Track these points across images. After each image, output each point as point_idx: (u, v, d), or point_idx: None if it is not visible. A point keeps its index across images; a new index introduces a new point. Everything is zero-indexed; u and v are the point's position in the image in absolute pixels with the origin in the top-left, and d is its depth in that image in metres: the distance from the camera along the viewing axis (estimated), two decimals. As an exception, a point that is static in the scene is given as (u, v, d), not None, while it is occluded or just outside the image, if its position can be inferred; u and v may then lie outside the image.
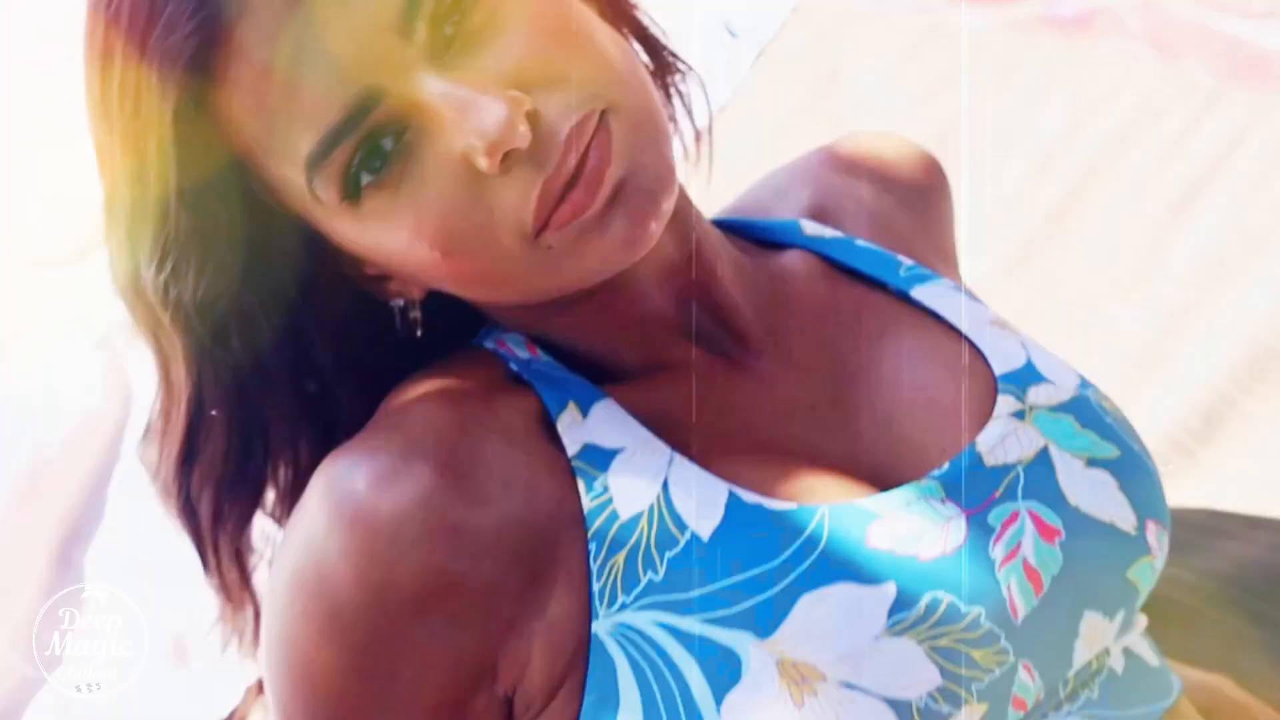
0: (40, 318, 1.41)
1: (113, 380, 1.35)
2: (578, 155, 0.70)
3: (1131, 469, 0.83)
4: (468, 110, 0.68)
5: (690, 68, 0.88)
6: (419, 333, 0.82)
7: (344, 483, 0.73)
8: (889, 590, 0.72)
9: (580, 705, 0.75)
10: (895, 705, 0.71)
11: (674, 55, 0.87)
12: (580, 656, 0.74)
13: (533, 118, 0.69)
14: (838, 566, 0.73)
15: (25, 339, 1.40)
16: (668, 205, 0.74)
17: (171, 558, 1.25)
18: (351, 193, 0.71)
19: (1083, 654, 0.79)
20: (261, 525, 0.86)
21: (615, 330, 0.83)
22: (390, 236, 0.73)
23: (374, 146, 0.70)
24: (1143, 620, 0.87)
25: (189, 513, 0.84)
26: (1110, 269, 1.52)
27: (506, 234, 0.72)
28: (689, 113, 0.89)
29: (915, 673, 0.71)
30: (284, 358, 0.80)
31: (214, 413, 0.80)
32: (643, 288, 0.81)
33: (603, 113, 0.71)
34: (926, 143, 1.02)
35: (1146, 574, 0.82)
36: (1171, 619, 1.06)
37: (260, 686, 1.19)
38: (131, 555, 1.26)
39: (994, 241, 1.53)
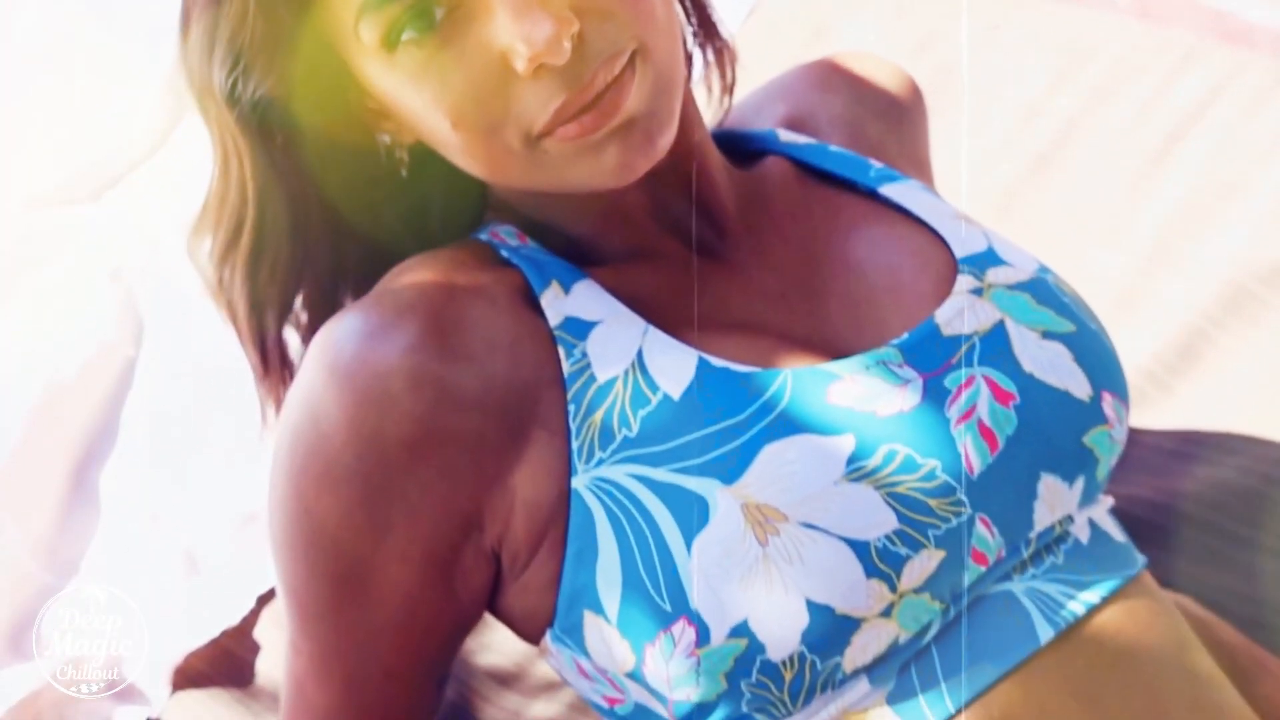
0: (55, 254, 1.46)
1: (125, 314, 1.40)
2: (603, 85, 0.76)
3: (1087, 343, 0.87)
4: (524, 16, 0.73)
5: (724, 41, 0.94)
6: (402, 172, 0.88)
7: (337, 340, 0.79)
8: (847, 441, 0.77)
9: (562, 560, 0.79)
10: (854, 545, 0.75)
11: (713, 24, 0.93)
12: (561, 511, 0.79)
13: (575, 40, 0.74)
14: (799, 420, 0.78)
15: (41, 274, 1.44)
16: (663, 146, 0.79)
17: (181, 475, 1.30)
18: (391, 42, 0.76)
19: (1044, 516, 0.82)
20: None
21: (603, 218, 0.88)
22: (410, 92, 0.78)
23: (425, 9, 0.75)
24: (1108, 500, 0.90)
25: (227, 293, 0.88)
26: (1092, 214, 1.55)
27: (513, 130, 0.77)
28: (717, 68, 0.96)
29: (873, 515, 0.76)
30: (308, 180, 0.85)
31: (263, 204, 0.85)
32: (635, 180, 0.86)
33: (634, 53, 0.77)
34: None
35: (1104, 443, 0.86)
36: (1143, 539, 1.09)
37: (270, 595, 1.24)
38: (144, 474, 1.30)
39: (980, 188, 1.57)
